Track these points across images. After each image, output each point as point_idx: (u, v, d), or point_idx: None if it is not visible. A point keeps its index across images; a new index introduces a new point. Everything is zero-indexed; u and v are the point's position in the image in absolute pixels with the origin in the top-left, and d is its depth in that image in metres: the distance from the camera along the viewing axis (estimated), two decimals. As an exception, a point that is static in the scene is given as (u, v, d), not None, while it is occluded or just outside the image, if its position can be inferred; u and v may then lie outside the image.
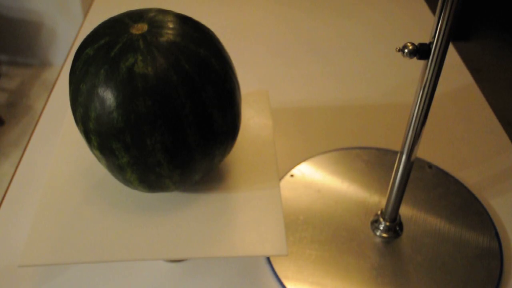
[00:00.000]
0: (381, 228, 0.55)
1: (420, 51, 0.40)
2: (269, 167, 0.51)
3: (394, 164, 0.63)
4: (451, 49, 0.85)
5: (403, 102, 0.73)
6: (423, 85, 0.42)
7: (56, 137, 0.68)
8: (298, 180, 0.61)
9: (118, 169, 0.43)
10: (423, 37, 0.87)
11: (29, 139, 0.67)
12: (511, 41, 2.25)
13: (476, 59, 2.11)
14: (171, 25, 0.42)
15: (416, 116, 0.44)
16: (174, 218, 0.46)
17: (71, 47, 0.85)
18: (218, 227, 0.45)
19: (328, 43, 0.85)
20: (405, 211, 0.57)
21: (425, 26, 0.90)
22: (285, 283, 0.51)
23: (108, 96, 0.39)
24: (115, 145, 0.41)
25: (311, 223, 0.56)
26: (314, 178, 0.61)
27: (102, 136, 0.41)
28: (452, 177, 0.61)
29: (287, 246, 0.44)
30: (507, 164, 0.64)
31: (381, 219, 0.55)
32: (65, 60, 0.82)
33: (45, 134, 0.68)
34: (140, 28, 0.41)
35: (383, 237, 0.55)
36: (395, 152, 0.65)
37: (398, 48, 0.40)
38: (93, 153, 0.44)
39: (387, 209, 0.53)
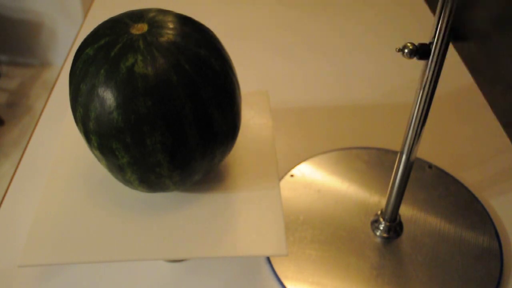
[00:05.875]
0: (381, 228, 0.55)
1: (420, 51, 0.40)
2: (269, 167, 0.51)
3: (394, 164, 0.63)
4: (451, 49, 0.85)
5: (403, 102, 0.73)
6: (423, 85, 0.42)
7: (56, 137, 0.68)
8: (298, 180, 0.61)
9: (118, 169, 0.43)
10: (423, 37, 0.87)
11: (29, 139, 0.67)
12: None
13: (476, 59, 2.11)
14: (171, 25, 0.42)
15: (416, 116, 0.44)
16: (174, 218, 0.46)
17: (71, 47, 0.85)
18: (218, 227, 0.45)
19: (328, 43, 0.85)
20: (405, 211, 0.57)
21: (425, 26, 0.90)
22: (285, 283, 0.51)
23: (108, 96, 0.39)
24: (115, 145, 0.41)
25: (311, 223, 0.56)
26: (314, 178, 0.61)
27: (102, 136, 0.41)
28: (452, 177, 0.61)
29: (287, 246, 0.44)
30: (507, 164, 0.64)
31: (381, 219, 0.55)
32: (65, 60, 0.82)
33: (45, 134, 0.68)
34: (140, 28, 0.41)
35: (383, 237, 0.55)
36: (395, 152, 0.65)
37: (398, 48, 0.40)
38: (93, 153, 0.44)
39: (387, 209, 0.53)
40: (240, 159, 0.52)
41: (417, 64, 0.81)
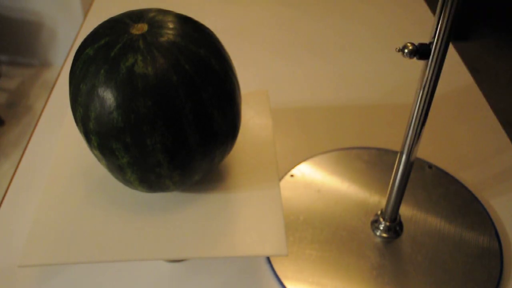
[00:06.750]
0: (381, 228, 0.55)
1: (420, 51, 0.40)
2: (269, 167, 0.51)
3: (394, 164, 0.63)
4: (451, 49, 0.85)
5: (403, 102, 0.73)
6: (423, 85, 0.42)
7: (56, 137, 0.68)
8: (298, 180, 0.61)
9: (118, 169, 0.43)
10: (423, 37, 0.87)
11: (29, 139, 0.67)
12: (511, 41, 2.25)
13: (476, 59, 2.11)
14: (171, 25, 0.42)
15: (416, 116, 0.44)
16: (174, 218, 0.46)
17: (71, 47, 0.85)
18: (218, 227, 0.45)
19: (328, 43, 0.85)
20: (405, 211, 0.57)
21: (425, 26, 0.90)
22: (285, 283, 0.51)
23: (108, 96, 0.39)
24: (115, 145, 0.41)
25: (311, 223, 0.56)
26: (314, 178, 0.61)
27: (102, 136, 0.41)
28: (452, 177, 0.61)
29: (287, 246, 0.44)
30: (507, 164, 0.64)
31: (381, 219, 0.55)
32: (65, 60, 0.82)
33: (45, 134, 0.68)
34: (140, 28, 0.41)
35: (383, 237, 0.55)
36: (395, 152, 0.65)
37: (398, 48, 0.40)
38: (93, 153, 0.44)
39: (387, 209, 0.53)
40: (240, 159, 0.52)
41: (417, 64, 0.81)
